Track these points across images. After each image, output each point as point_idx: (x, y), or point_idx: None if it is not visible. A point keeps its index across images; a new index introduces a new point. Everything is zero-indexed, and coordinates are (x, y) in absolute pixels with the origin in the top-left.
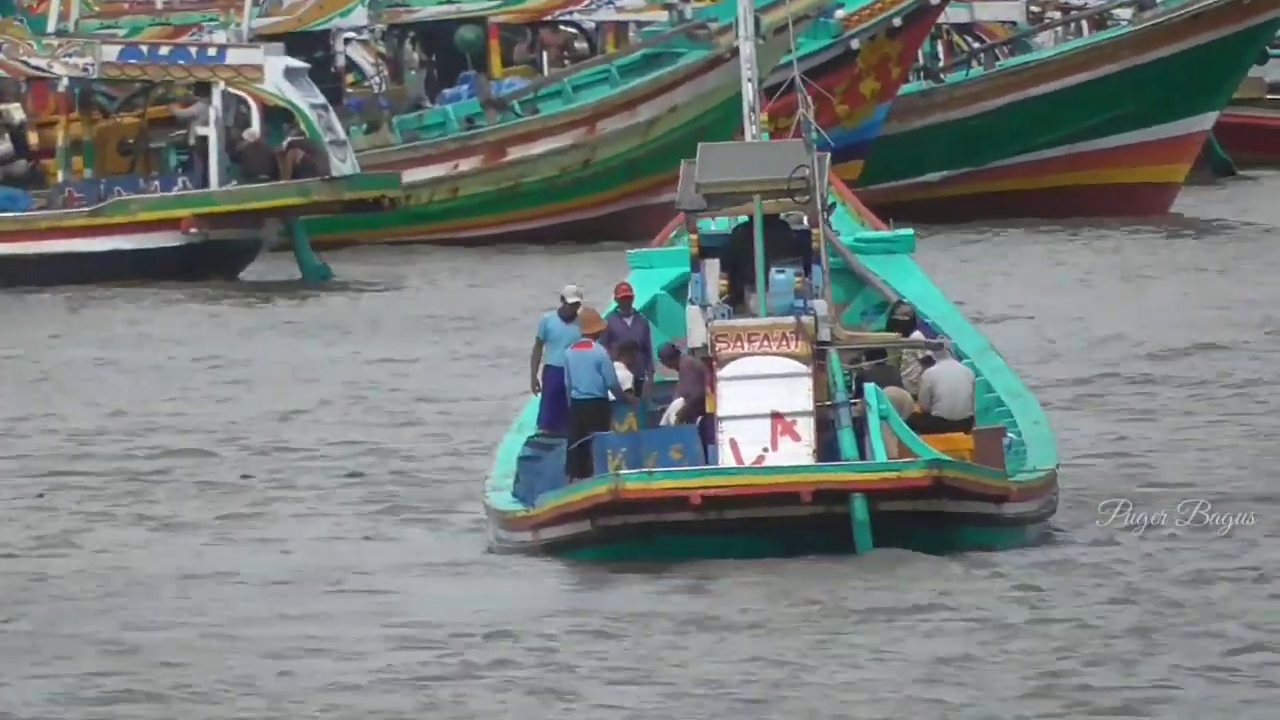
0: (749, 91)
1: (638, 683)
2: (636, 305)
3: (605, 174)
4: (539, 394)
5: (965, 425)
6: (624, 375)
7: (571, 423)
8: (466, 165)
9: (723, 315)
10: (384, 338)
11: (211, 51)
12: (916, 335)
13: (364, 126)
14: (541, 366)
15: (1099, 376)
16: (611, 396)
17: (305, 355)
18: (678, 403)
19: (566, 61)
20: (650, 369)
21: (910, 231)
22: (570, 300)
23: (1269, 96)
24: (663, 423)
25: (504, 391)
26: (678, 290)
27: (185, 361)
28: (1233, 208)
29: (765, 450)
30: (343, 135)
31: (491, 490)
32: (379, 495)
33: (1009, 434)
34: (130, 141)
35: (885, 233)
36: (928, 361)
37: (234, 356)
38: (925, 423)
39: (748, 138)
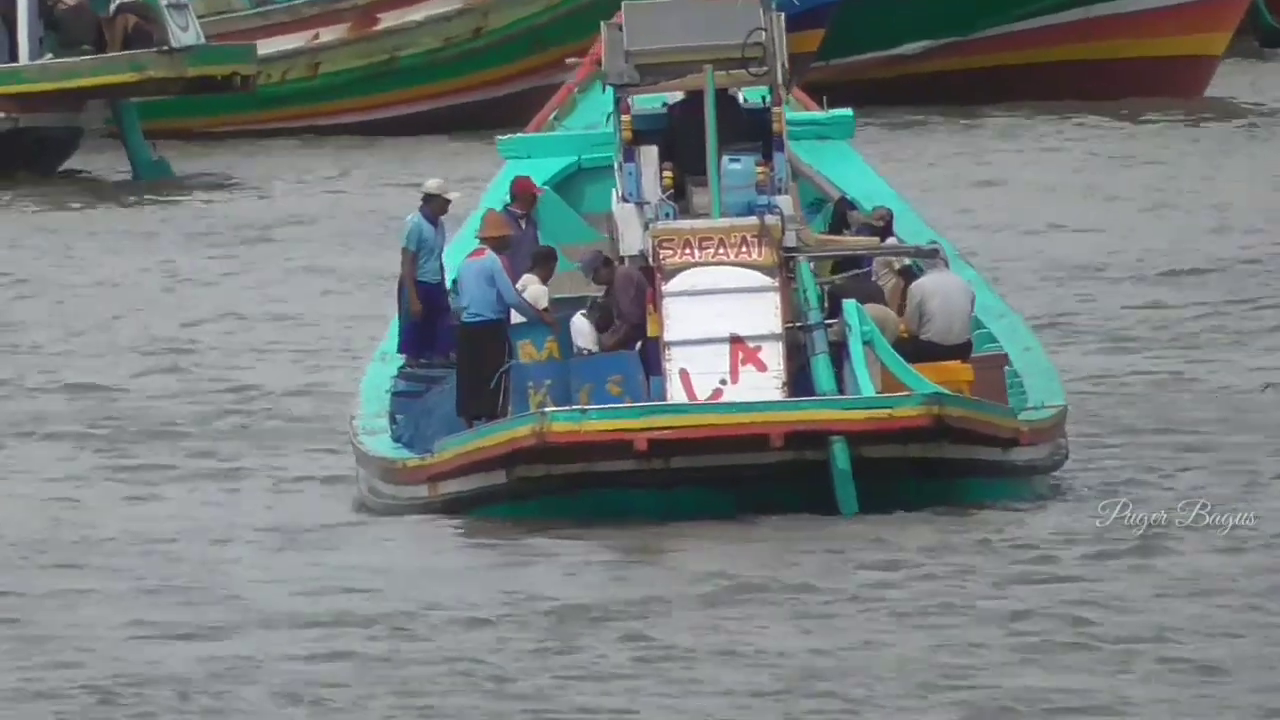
0: None
1: (560, 675)
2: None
3: (501, 45)
4: (419, 315)
5: (961, 352)
6: (538, 291)
7: (460, 351)
8: (329, 35)
9: (666, 215)
10: (229, 249)
11: None
12: (892, 242)
13: None
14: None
15: (1093, 299)
16: (517, 317)
17: (134, 271)
18: (578, 320)
19: None
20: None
21: (849, 112)
22: (448, 196)
23: None
24: (577, 347)
25: (369, 312)
26: (561, 186)
27: None
28: None
29: (723, 383)
30: None
31: (364, 434)
32: (213, 446)
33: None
34: None
35: (818, 113)
36: (905, 273)
37: (45, 273)
38: (912, 348)
39: None
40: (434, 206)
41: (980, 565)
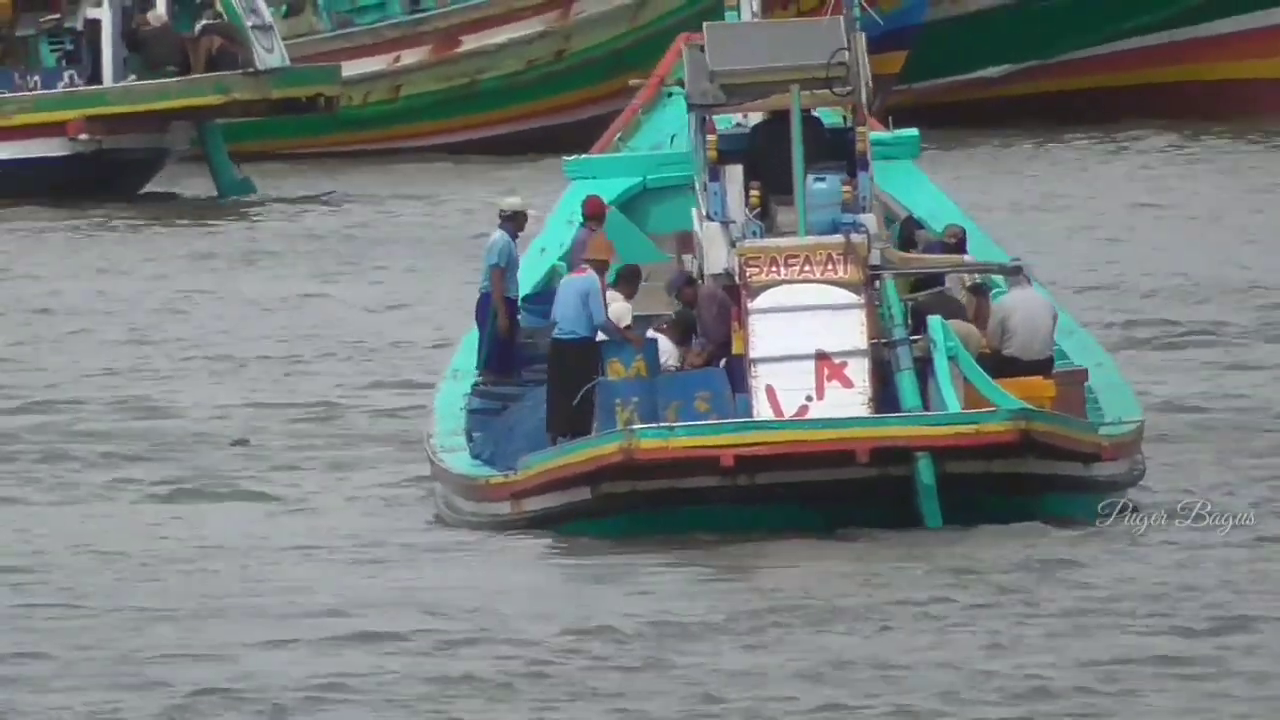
0: None
1: (651, 696)
2: (578, 225)
3: (583, 68)
4: (505, 332)
5: (1043, 367)
6: (621, 309)
7: (551, 368)
8: (411, 58)
9: (753, 233)
10: (309, 269)
11: None
12: (969, 259)
13: (283, 8)
14: (481, 297)
15: (1174, 323)
16: (601, 336)
17: (219, 291)
18: (663, 342)
19: None
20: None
21: (914, 132)
22: (530, 212)
23: None
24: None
25: (444, 328)
26: (627, 206)
27: (71, 299)
28: None
29: (809, 399)
30: (268, 19)
31: (442, 451)
32: (287, 462)
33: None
34: None
35: (884, 134)
36: (976, 290)
37: (131, 293)
38: (995, 364)
39: (744, 17)
40: (516, 223)
41: (1058, 581)
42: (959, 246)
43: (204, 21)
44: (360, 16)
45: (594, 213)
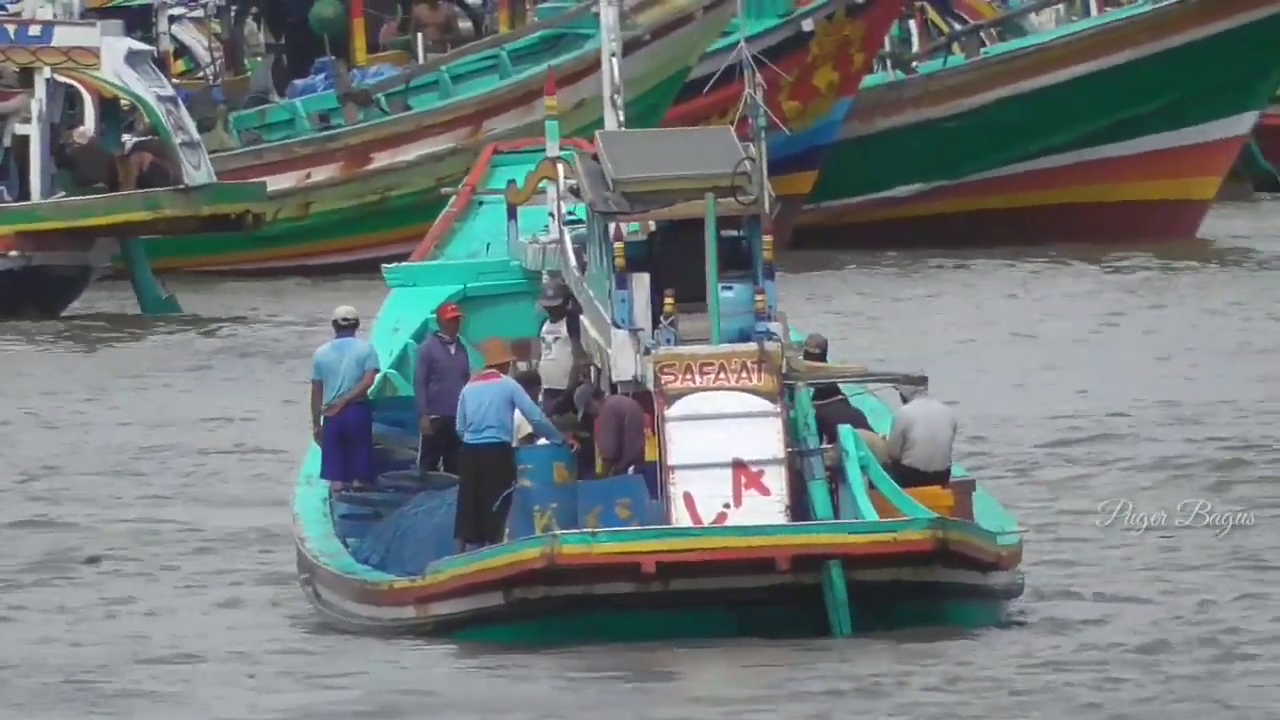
0: (611, 70)
1: None
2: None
3: None
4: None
5: (942, 478)
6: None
7: (465, 474)
8: (321, 174)
9: (667, 341)
10: (222, 381)
11: (35, 30)
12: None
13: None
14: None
15: (1046, 450)
16: (518, 440)
17: (139, 409)
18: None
19: (447, 45)
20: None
21: None
22: (348, 321)
23: None
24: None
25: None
26: None
27: None
28: (1276, 230)
29: (727, 506)
30: (195, 136)
31: (323, 555)
32: (146, 570)
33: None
34: None
35: None
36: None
37: (48, 417)
38: (895, 473)
39: (609, 126)
40: (353, 331)
41: (968, 690)
42: (821, 356)
43: (134, 139)
44: (270, 133)
45: (449, 321)
